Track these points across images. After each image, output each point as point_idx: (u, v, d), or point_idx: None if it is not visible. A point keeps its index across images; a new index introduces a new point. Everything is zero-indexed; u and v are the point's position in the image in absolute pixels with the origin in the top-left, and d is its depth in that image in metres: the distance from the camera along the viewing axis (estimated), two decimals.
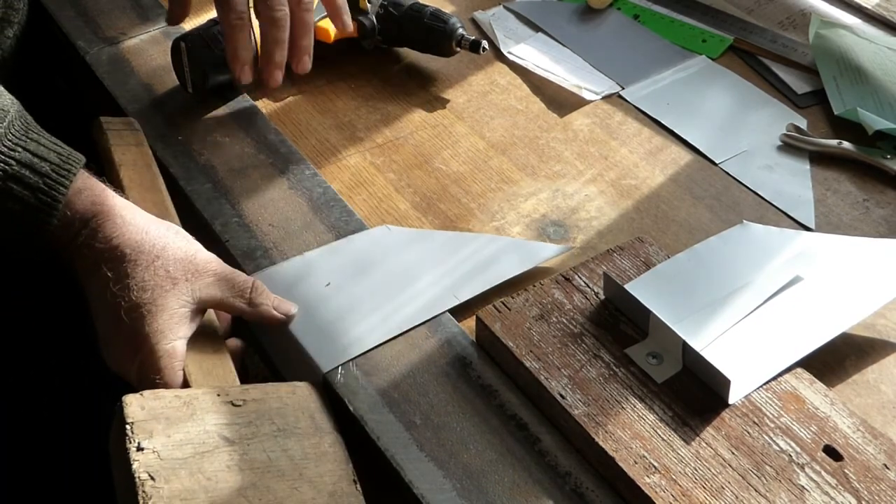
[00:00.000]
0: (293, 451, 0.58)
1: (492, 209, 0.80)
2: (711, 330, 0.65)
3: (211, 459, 0.56)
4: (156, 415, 0.57)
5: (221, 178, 0.82)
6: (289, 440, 0.59)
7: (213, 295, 0.66)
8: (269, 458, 0.57)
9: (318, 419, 0.61)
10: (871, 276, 0.70)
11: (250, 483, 0.55)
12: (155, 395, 0.59)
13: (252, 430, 0.59)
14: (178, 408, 0.58)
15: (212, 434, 0.57)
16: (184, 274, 0.65)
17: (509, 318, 0.67)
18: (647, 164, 0.84)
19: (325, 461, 0.58)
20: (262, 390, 0.61)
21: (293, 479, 0.57)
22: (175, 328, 0.63)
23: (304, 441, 0.59)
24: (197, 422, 0.58)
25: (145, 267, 0.64)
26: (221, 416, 0.59)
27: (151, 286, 0.63)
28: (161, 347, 0.62)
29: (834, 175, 0.83)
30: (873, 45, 0.95)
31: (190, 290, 0.65)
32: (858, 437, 0.59)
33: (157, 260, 0.64)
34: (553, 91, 0.93)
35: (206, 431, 0.57)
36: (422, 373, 0.66)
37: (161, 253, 0.64)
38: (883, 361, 0.68)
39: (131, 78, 0.92)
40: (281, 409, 0.61)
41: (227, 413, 0.59)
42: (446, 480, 0.60)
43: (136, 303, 0.63)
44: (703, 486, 0.57)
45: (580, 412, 0.61)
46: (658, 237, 0.77)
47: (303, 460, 0.58)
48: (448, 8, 1.03)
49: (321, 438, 0.60)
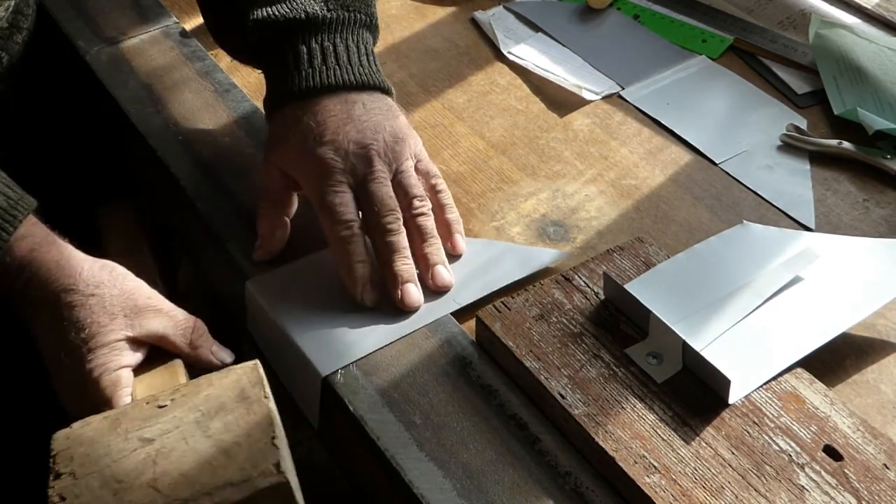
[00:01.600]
0: (214, 429, 0.57)
1: (492, 209, 0.80)
2: (711, 330, 0.65)
3: (125, 463, 0.56)
4: (81, 440, 0.58)
5: (221, 178, 0.82)
6: (211, 421, 0.58)
7: (155, 330, 0.66)
8: (187, 443, 0.56)
9: (248, 392, 0.60)
10: (871, 276, 0.70)
11: (163, 472, 0.55)
12: (83, 423, 0.59)
13: (174, 424, 0.58)
14: (104, 427, 0.58)
15: (132, 440, 0.57)
16: (122, 309, 0.65)
17: (509, 318, 0.67)
18: (647, 164, 0.84)
19: (245, 429, 0.57)
20: (193, 384, 0.61)
21: (209, 456, 0.56)
22: (116, 359, 0.64)
23: (227, 417, 0.58)
24: (119, 434, 0.58)
25: (80, 307, 0.64)
26: (145, 421, 0.58)
27: (88, 324, 0.64)
28: (105, 378, 0.63)
29: (834, 175, 0.83)
30: (873, 45, 0.95)
31: (129, 325, 0.65)
32: (858, 437, 0.59)
33: (91, 298, 0.65)
34: (553, 91, 0.93)
35: (126, 440, 0.57)
36: (422, 373, 0.66)
37: (95, 291, 0.65)
38: (883, 361, 0.68)
39: (131, 78, 0.92)
40: (210, 395, 0.60)
41: (152, 417, 0.59)
42: (446, 480, 0.60)
43: (74, 343, 0.64)
44: (703, 485, 0.57)
45: (580, 412, 0.61)
46: (658, 237, 0.77)
47: (222, 434, 0.57)
48: (448, 8, 1.04)
49: (247, 409, 0.58)
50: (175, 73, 0.93)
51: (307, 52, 0.74)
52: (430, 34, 1.00)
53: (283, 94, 0.75)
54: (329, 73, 0.74)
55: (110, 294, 0.65)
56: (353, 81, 0.74)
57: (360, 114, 0.73)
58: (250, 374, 0.61)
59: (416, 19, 1.02)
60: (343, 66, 0.74)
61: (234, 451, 0.56)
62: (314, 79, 0.73)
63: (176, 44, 0.96)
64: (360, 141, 0.71)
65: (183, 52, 0.95)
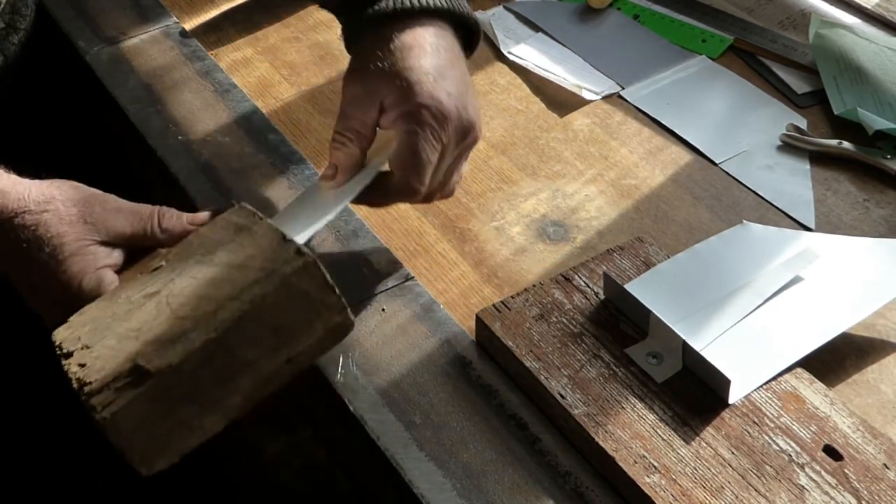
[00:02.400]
0: (219, 259, 0.56)
1: (492, 209, 0.80)
2: (711, 330, 0.65)
3: (137, 314, 0.54)
4: (82, 322, 0.56)
5: (221, 178, 0.82)
6: (214, 254, 0.56)
7: (121, 229, 0.64)
8: (196, 278, 0.55)
9: (241, 223, 0.58)
10: (871, 276, 0.70)
11: (180, 305, 0.53)
12: (79, 313, 0.58)
13: (175, 273, 0.56)
14: (102, 305, 0.57)
15: (136, 300, 0.56)
16: (80, 217, 0.63)
17: (509, 318, 0.67)
18: (647, 164, 0.84)
19: (252, 245, 0.56)
20: (183, 242, 0.59)
21: (224, 275, 0.54)
22: (90, 262, 0.62)
23: (229, 246, 0.56)
24: (120, 302, 0.56)
25: (35, 225, 0.62)
26: (144, 284, 0.57)
27: (48, 238, 0.62)
28: (86, 282, 0.62)
29: (834, 175, 0.83)
30: (873, 45, 0.95)
31: (93, 229, 0.63)
32: (858, 436, 0.59)
33: (44, 214, 0.63)
34: (553, 91, 0.93)
35: (130, 303, 0.56)
36: (422, 373, 0.66)
37: (47, 207, 0.63)
38: (883, 361, 0.68)
39: (131, 78, 0.92)
40: (202, 242, 0.58)
41: (149, 279, 0.57)
42: (446, 480, 0.60)
43: (42, 261, 0.62)
44: (703, 485, 0.57)
45: (580, 412, 0.61)
46: (658, 237, 0.77)
47: (230, 258, 0.55)
48: None
49: (248, 232, 0.57)
50: (175, 73, 0.93)
51: None
52: None
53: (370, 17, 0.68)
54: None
55: (64, 206, 0.63)
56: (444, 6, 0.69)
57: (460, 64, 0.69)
58: (238, 211, 0.59)
59: None
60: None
61: (248, 261, 0.54)
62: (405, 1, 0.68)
63: (176, 44, 0.96)
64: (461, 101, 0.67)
65: (183, 52, 0.95)
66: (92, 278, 0.62)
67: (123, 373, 0.51)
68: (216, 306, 0.52)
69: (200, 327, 0.51)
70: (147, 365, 0.51)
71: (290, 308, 0.52)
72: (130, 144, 0.89)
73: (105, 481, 0.99)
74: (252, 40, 0.97)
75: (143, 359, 0.51)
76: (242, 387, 0.52)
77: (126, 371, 0.51)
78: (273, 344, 0.52)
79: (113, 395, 0.50)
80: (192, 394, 0.51)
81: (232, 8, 1.02)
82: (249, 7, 1.02)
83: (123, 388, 0.51)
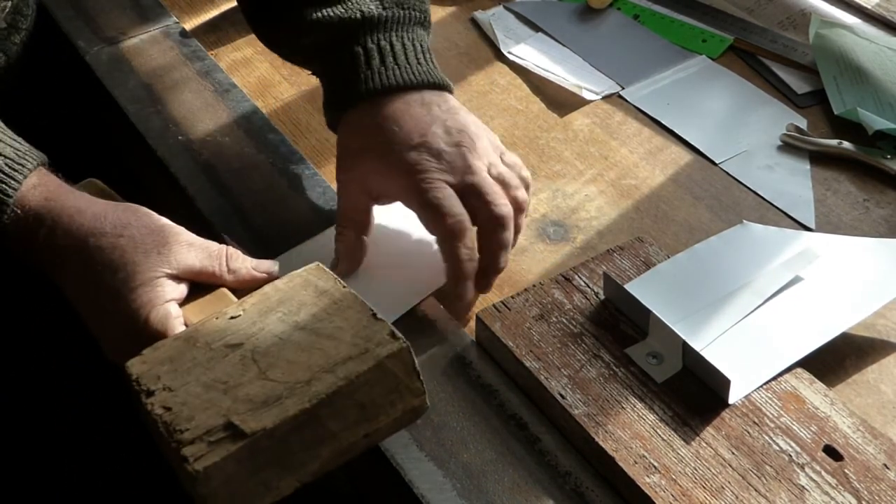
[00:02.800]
0: (304, 320, 0.57)
1: None
2: (711, 330, 0.65)
3: (223, 366, 0.55)
4: (160, 360, 0.57)
5: (221, 178, 0.82)
6: (297, 315, 0.57)
7: (190, 264, 0.65)
8: (281, 338, 0.56)
9: (322, 286, 0.59)
10: (871, 276, 0.70)
11: (269, 365, 0.54)
12: (153, 348, 0.58)
13: (258, 328, 0.57)
14: (180, 346, 0.58)
15: (218, 349, 0.56)
16: (154, 246, 0.63)
17: (509, 318, 0.67)
18: (647, 164, 0.84)
19: (339, 315, 0.57)
20: (259, 293, 0.61)
21: (311, 343, 0.55)
22: (160, 294, 0.62)
23: (313, 308, 0.58)
24: (200, 347, 0.57)
25: (111, 249, 0.62)
26: (223, 332, 0.58)
27: (122, 265, 0.62)
28: (153, 314, 0.62)
29: (834, 175, 0.83)
30: (873, 45, 0.95)
31: (164, 261, 0.63)
32: (858, 437, 0.59)
33: (120, 239, 0.63)
34: (553, 91, 0.93)
35: (211, 349, 0.56)
36: (422, 372, 0.66)
37: (124, 232, 0.63)
38: (883, 361, 0.68)
39: (131, 78, 0.92)
40: (282, 298, 0.59)
41: (229, 327, 0.58)
42: (446, 480, 0.60)
43: (114, 287, 0.62)
44: (703, 485, 0.57)
45: (580, 412, 0.61)
46: (658, 237, 0.77)
47: (317, 323, 0.56)
48: (448, 8, 1.04)
49: (331, 299, 0.58)
50: (175, 73, 0.93)
51: (364, 53, 0.72)
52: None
53: (346, 98, 0.73)
54: (391, 74, 0.72)
55: (139, 233, 0.63)
56: (416, 80, 0.72)
57: (439, 113, 0.71)
58: (316, 272, 0.60)
59: None
60: (402, 66, 0.73)
61: (337, 333, 0.55)
62: (378, 80, 0.71)
63: (176, 44, 0.96)
64: (450, 140, 0.69)
65: (183, 52, 0.95)
66: (160, 311, 0.62)
67: (217, 427, 0.52)
68: (310, 376, 0.53)
69: (295, 395, 0.53)
70: (242, 425, 0.52)
71: (378, 388, 0.54)
72: (130, 144, 0.89)
73: (105, 481, 0.99)
74: (252, 40, 0.97)
75: (237, 417, 0.53)
76: (323, 455, 0.54)
77: (220, 426, 0.52)
78: (357, 419, 0.55)
79: (206, 449, 0.52)
80: (279, 457, 0.53)
81: (232, 8, 1.02)
82: None
83: (217, 444, 0.52)
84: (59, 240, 0.63)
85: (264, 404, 0.52)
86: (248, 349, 0.56)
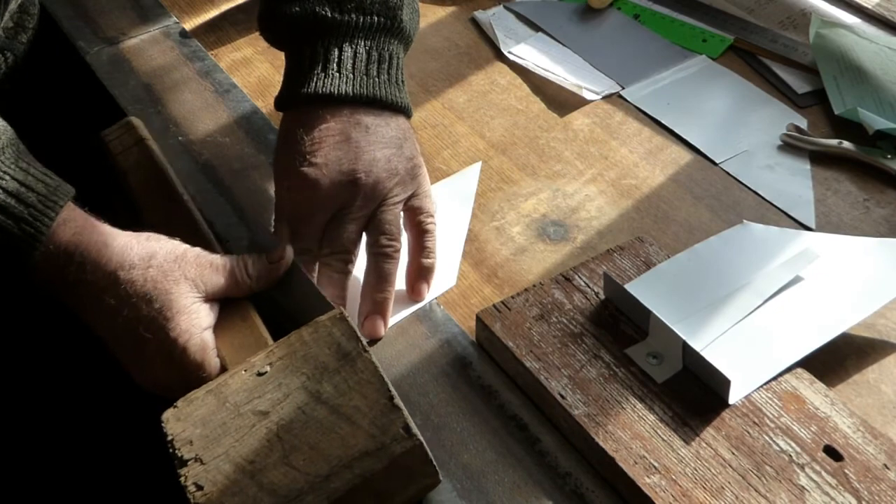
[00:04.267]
0: (326, 394, 0.59)
1: (492, 209, 0.80)
2: (711, 330, 0.65)
3: (250, 441, 0.57)
4: (192, 421, 0.59)
5: (222, 178, 0.82)
6: (320, 384, 0.59)
7: (216, 283, 0.66)
8: (305, 413, 0.58)
9: (345, 347, 0.61)
10: (871, 276, 0.70)
11: (292, 448, 0.57)
12: (187, 401, 0.60)
13: (283, 392, 0.59)
14: (211, 403, 0.60)
15: (246, 415, 0.59)
16: (181, 272, 0.64)
17: (509, 318, 0.67)
18: (647, 164, 0.84)
19: (358, 391, 0.59)
20: (285, 344, 0.62)
21: (332, 424, 0.57)
22: (196, 322, 0.64)
23: (335, 378, 0.59)
24: (229, 409, 0.59)
25: (143, 280, 0.63)
26: (251, 392, 0.60)
27: (156, 295, 0.63)
28: (192, 344, 0.63)
29: (834, 175, 0.83)
30: (873, 44, 0.95)
31: (193, 285, 0.65)
32: (858, 437, 0.59)
33: (149, 269, 0.64)
34: (553, 91, 0.93)
35: (239, 415, 0.59)
36: (422, 373, 0.66)
37: (151, 262, 0.64)
38: (883, 361, 0.68)
39: (131, 78, 0.92)
40: (307, 355, 0.61)
41: (256, 386, 0.60)
42: (446, 480, 0.60)
43: (150, 316, 0.62)
44: (703, 486, 0.57)
45: (580, 412, 0.61)
46: (658, 237, 0.77)
47: (337, 399, 0.58)
48: (448, 8, 1.04)
49: (352, 367, 0.60)
50: (175, 73, 0.93)
51: (311, 56, 0.72)
52: (430, 34, 1.00)
53: (286, 98, 0.74)
54: (333, 83, 0.71)
55: (166, 262, 0.64)
56: (362, 94, 0.71)
57: (358, 138, 0.70)
58: (340, 325, 0.62)
59: None
60: (345, 76, 0.71)
61: (356, 416, 0.57)
62: (317, 86, 0.71)
63: (176, 44, 0.96)
64: (348, 172, 0.69)
65: (183, 52, 0.95)
66: (197, 340, 0.63)
67: None
68: (329, 471, 0.55)
69: (315, 491, 0.55)
70: None
71: (393, 479, 0.56)
72: None
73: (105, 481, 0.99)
74: (252, 40, 0.97)
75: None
76: None
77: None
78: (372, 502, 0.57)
79: None
80: None
81: (232, 8, 1.02)
82: (249, 7, 1.02)
83: None
84: (89, 275, 0.63)
85: (286, 498, 0.55)
86: (275, 422, 0.58)
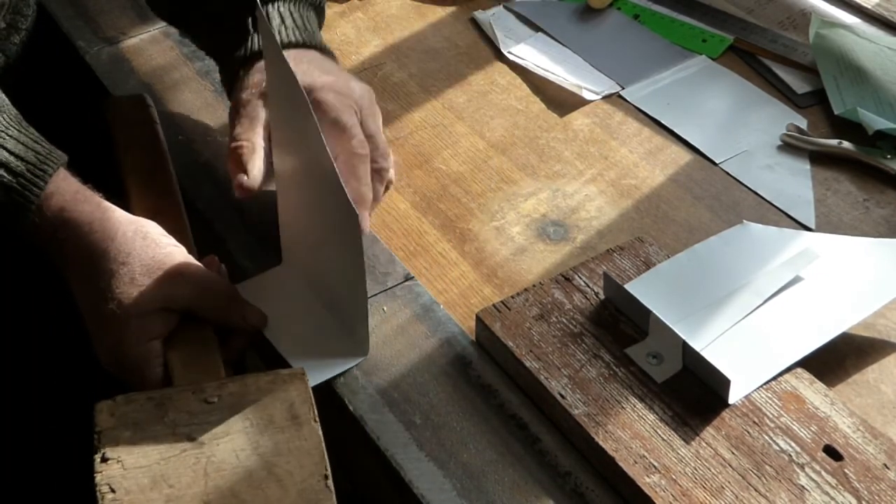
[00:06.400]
0: (264, 447, 0.57)
1: (492, 209, 0.80)
2: (711, 330, 0.65)
3: (175, 464, 0.56)
4: (125, 421, 0.58)
5: (221, 178, 0.81)
6: (262, 436, 0.58)
7: (184, 302, 0.66)
8: (238, 458, 0.57)
9: (297, 409, 0.60)
10: (871, 276, 0.70)
11: (214, 487, 0.55)
12: (127, 400, 0.59)
13: (224, 429, 0.58)
14: (150, 410, 0.59)
15: (181, 436, 0.57)
16: (151, 279, 0.65)
17: (509, 318, 0.67)
18: (647, 164, 0.84)
19: (296, 456, 0.57)
20: (241, 383, 0.61)
21: (261, 479, 0.56)
22: (147, 331, 0.64)
23: (277, 436, 0.58)
24: (167, 424, 0.58)
25: (110, 275, 0.64)
26: (193, 416, 0.58)
27: (118, 294, 0.63)
28: (135, 352, 0.63)
29: (834, 175, 0.83)
30: (873, 45, 0.95)
31: (160, 295, 0.64)
32: (858, 437, 0.59)
33: (122, 267, 0.64)
34: (553, 91, 0.93)
35: (174, 434, 0.57)
36: (422, 373, 0.66)
37: (126, 260, 0.64)
38: (883, 361, 0.68)
39: (131, 78, 0.92)
40: (259, 403, 0.60)
41: (200, 412, 0.59)
42: (446, 480, 0.60)
43: (108, 309, 0.63)
44: (703, 485, 0.57)
45: (580, 412, 0.61)
46: (658, 237, 0.77)
47: (274, 456, 0.57)
48: (448, 8, 1.04)
49: (297, 431, 0.58)
50: (175, 72, 0.93)
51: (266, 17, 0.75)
52: (430, 34, 1.00)
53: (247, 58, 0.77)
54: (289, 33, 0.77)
55: (141, 263, 0.64)
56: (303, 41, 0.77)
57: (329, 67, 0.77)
58: (299, 388, 0.61)
59: (416, 19, 1.02)
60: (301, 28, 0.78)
61: (287, 480, 0.56)
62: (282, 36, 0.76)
63: (176, 44, 0.96)
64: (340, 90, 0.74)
65: (183, 52, 0.95)
66: (142, 350, 0.64)
67: None
68: None
69: None
70: None
71: None
72: None
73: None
74: None
75: None
76: None
77: None
78: None
79: None
80: None
81: None
82: None
83: None
84: (70, 250, 0.65)
85: None
86: (206, 458, 0.56)
